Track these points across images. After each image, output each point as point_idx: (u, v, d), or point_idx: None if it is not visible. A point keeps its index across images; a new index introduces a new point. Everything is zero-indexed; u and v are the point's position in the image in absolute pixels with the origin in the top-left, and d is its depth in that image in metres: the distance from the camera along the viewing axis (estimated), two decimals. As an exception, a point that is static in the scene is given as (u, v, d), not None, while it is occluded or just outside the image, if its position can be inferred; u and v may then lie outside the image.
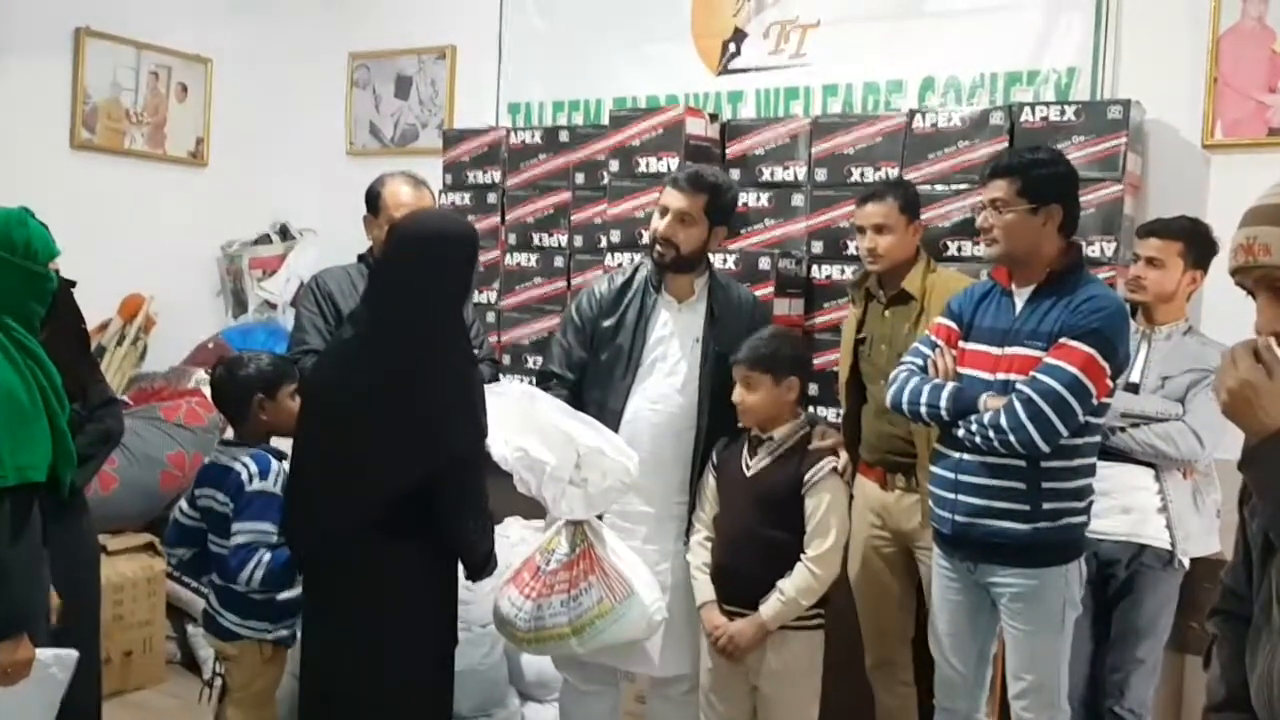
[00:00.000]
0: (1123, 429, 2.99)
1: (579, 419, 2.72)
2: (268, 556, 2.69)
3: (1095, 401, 2.48)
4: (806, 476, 2.68)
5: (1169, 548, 2.99)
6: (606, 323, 2.97)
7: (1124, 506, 3.01)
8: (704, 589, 2.78)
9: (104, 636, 3.81)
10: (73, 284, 2.95)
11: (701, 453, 2.89)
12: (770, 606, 2.67)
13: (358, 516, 2.46)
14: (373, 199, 3.13)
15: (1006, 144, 3.48)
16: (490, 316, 4.51)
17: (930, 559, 2.81)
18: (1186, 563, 3.01)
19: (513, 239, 4.47)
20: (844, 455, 2.75)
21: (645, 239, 3.12)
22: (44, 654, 2.25)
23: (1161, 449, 2.96)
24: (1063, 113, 3.49)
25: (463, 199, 4.59)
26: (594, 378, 2.97)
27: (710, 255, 3.04)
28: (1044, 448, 2.45)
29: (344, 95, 5.32)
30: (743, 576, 2.71)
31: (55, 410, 2.33)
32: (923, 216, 3.24)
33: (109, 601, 3.88)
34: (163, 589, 4.09)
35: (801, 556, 2.67)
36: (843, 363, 3.27)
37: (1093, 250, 3.39)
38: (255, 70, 5.22)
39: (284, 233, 5.15)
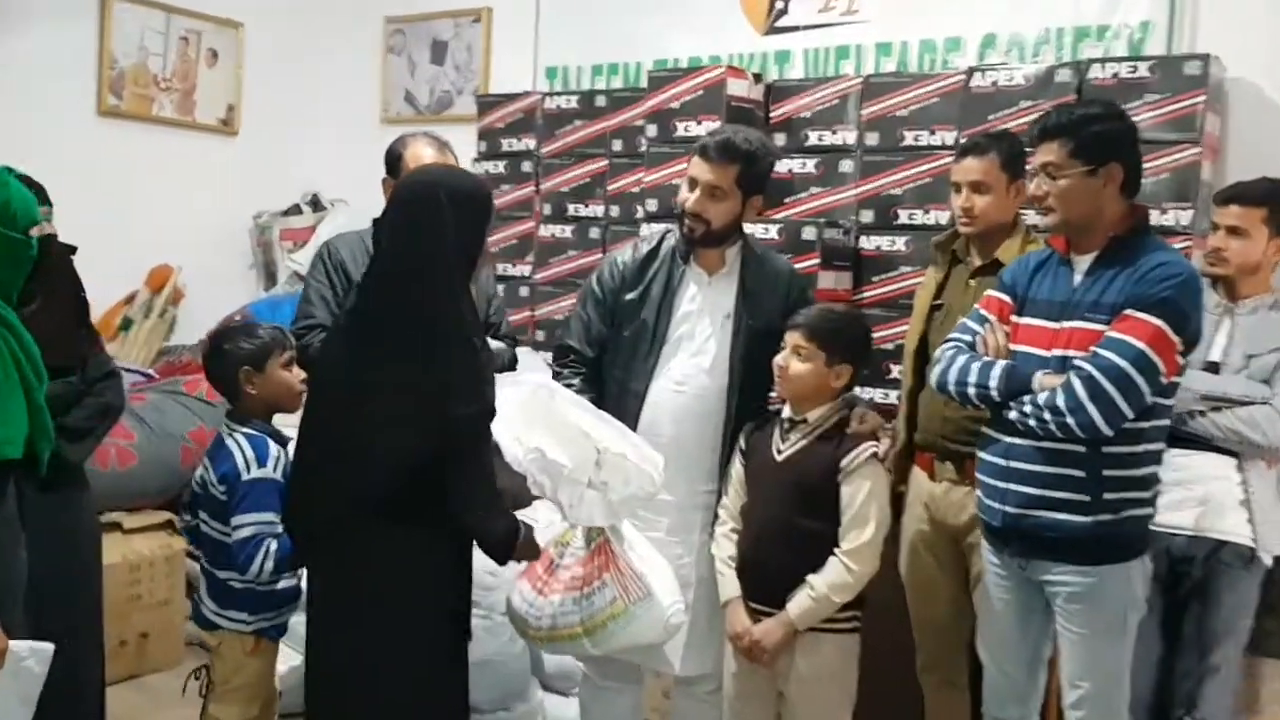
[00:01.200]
0: (1202, 413, 2.75)
1: (601, 418, 2.54)
2: (274, 545, 2.55)
3: (1164, 380, 2.25)
4: (844, 462, 2.48)
5: (1250, 544, 2.74)
6: (629, 296, 2.79)
7: (1200, 498, 2.78)
8: (729, 585, 2.60)
9: (118, 618, 3.77)
10: (72, 250, 2.83)
11: (730, 438, 2.71)
12: (799, 603, 2.48)
13: (356, 498, 2.29)
14: (393, 161, 2.97)
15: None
16: (524, 291, 4.37)
17: (980, 555, 2.60)
18: (1269, 560, 2.77)
19: (547, 209, 4.32)
20: (885, 440, 2.55)
21: (663, 230, 2.91)
22: (19, 646, 2.13)
23: (1246, 435, 2.71)
24: (1135, 69, 3.23)
25: (496, 167, 4.44)
26: (615, 355, 2.79)
27: (745, 225, 2.84)
28: (1106, 430, 2.23)
29: (378, 61, 5.19)
30: (771, 571, 2.52)
31: (32, 383, 2.20)
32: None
33: (125, 581, 3.82)
34: (182, 568, 3.99)
35: (835, 550, 2.47)
36: (912, 331, 3.02)
37: (1167, 219, 3.15)
38: (288, 35, 5.12)
39: (315, 203, 5.04)
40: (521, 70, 4.74)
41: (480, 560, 3.48)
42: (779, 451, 2.56)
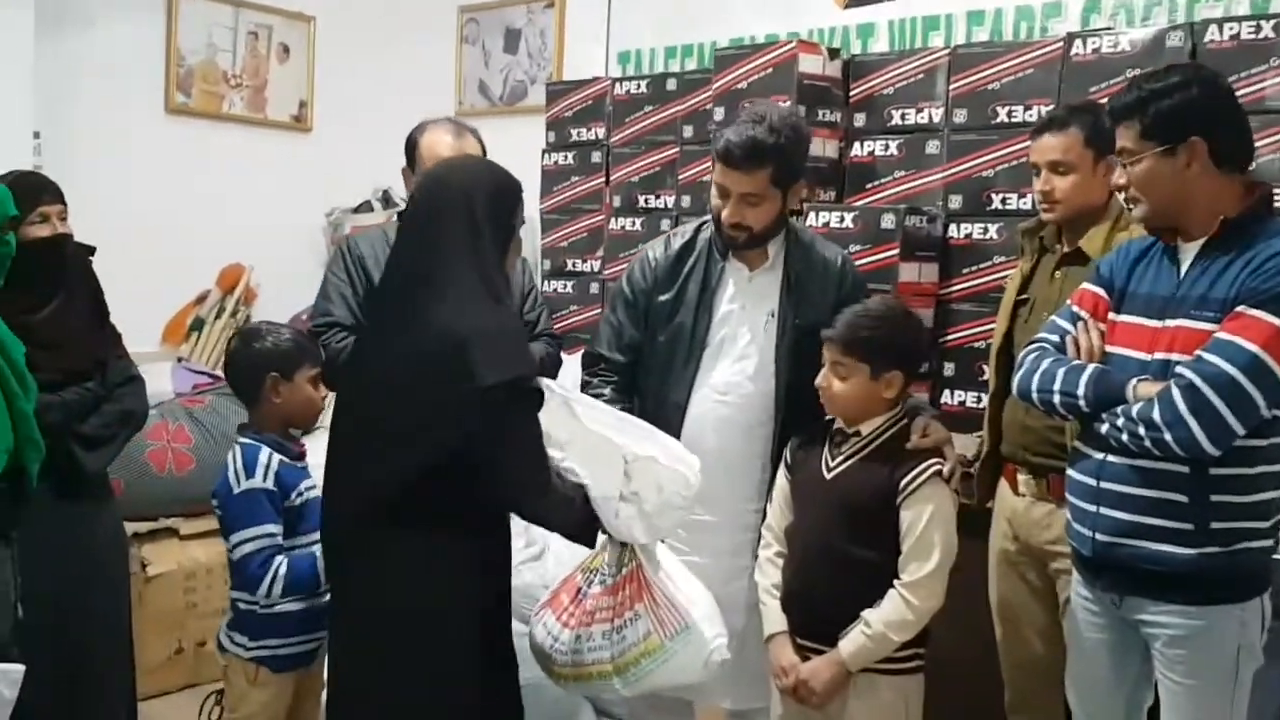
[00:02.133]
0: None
1: (625, 421, 2.27)
2: (284, 566, 2.37)
3: (1284, 390, 1.89)
4: (903, 483, 2.17)
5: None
6: (663, 297, 2.53)
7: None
8: (773, 617, 2.31)
9: (174, 626, 3.69)
10: (91, 250, 2.71)
11: (777, 452, 2.43)
12: (852, 642, 2.18)
13: (370, 505, 2.06)
14: (410, 149, 2.79)
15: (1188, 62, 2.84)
16: (594, 287, 4.13)
17: (1066, 580, 2.27)
18: None
19: (617, 201, 4.07)
20: (951, 456, 2.22)
21: (701, 219, 2.63)
22: None
23: None
24: (1258, 29, 2.81)
25: (566, 158, 4.22)
26: (650, 363, 2.54)
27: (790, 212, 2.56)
28: (1211, 450, 1.89)
29: (452, 52, 5.02)
30: (819, 603, 2.24)
31: (14, 392, 2.06)
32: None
33: (180, 589, 3.72)
34: (242, 576, 3.88)
35: (895, 582, 2.17)
36: (998, 328, 2.70)
37: (1297, 199, 2.74)
38: (360, 28, 4.98)
39: (386, 199, 4.90)
40: (594, 56, 4.52)
41: (534, 572, 3.29)
42: (828, 468, 2.27)
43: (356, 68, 4.97)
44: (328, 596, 2.34)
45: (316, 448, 2.57)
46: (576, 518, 2.13)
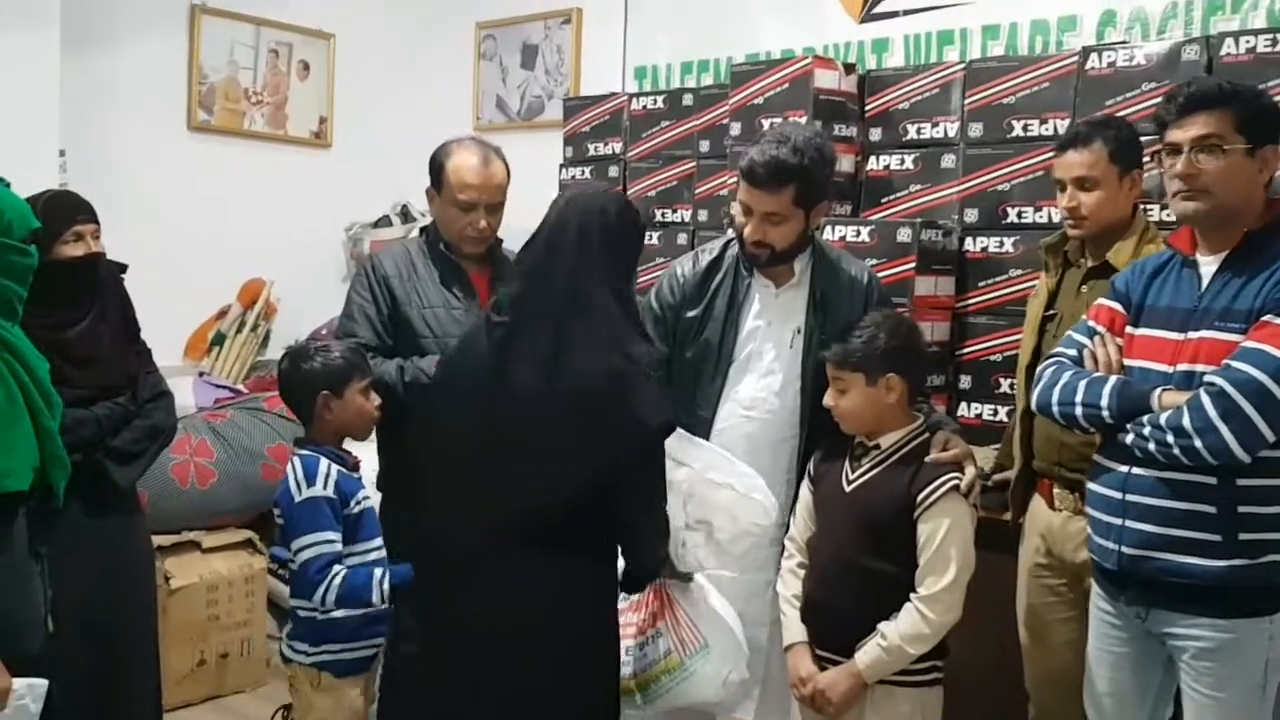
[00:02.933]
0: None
1: (691, 444, 2.29)
2: (340, 576, 2.34)
3: (1312, 398, 1.87)
4: (920, 496, 2.15)
5: None
6: (691, 313, 2.52)
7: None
8: (793, 627, 2.30)
9: (197, 638, 3.68)
10: (124, 268, 2.72)
11: (802, 466, 2.42)
12: (868, 654, 2.16)
13: (518, 524, 2.04)
14: (436, 172, 2.77)
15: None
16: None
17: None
18: None
19: (634, 215, 4.06)
20: (970, 470, 2.20)
21: (729, 228, 2.62)
22: (18, 684, 1.99)
23: None
24: (1275, 42, 2.79)
25: (583, 173, 4.22)
26: (679, 378, 2.52)
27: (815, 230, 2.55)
28: (1242, 456, 1.87)
29: (471, 68, 5.02)
30: (838, 615, 2.22)
31: (39, 409, 2.05)
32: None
33: (203, 601, 3.72)
34: (263, 588, 3.88)
35: (911, 595, 2.15)
36: (1025, 344, 2.67)
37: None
38: (379, 45, 5.00)
39: (405, 214, 4.90)
40: (611, 71, 4.52)
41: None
42: (848, 480, 2.26)
43: (375, 84, 4.98)
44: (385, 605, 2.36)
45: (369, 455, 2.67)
46: (657, 562, 2.16)
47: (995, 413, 3.21)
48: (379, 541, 2.48)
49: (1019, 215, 3.20)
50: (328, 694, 2.47)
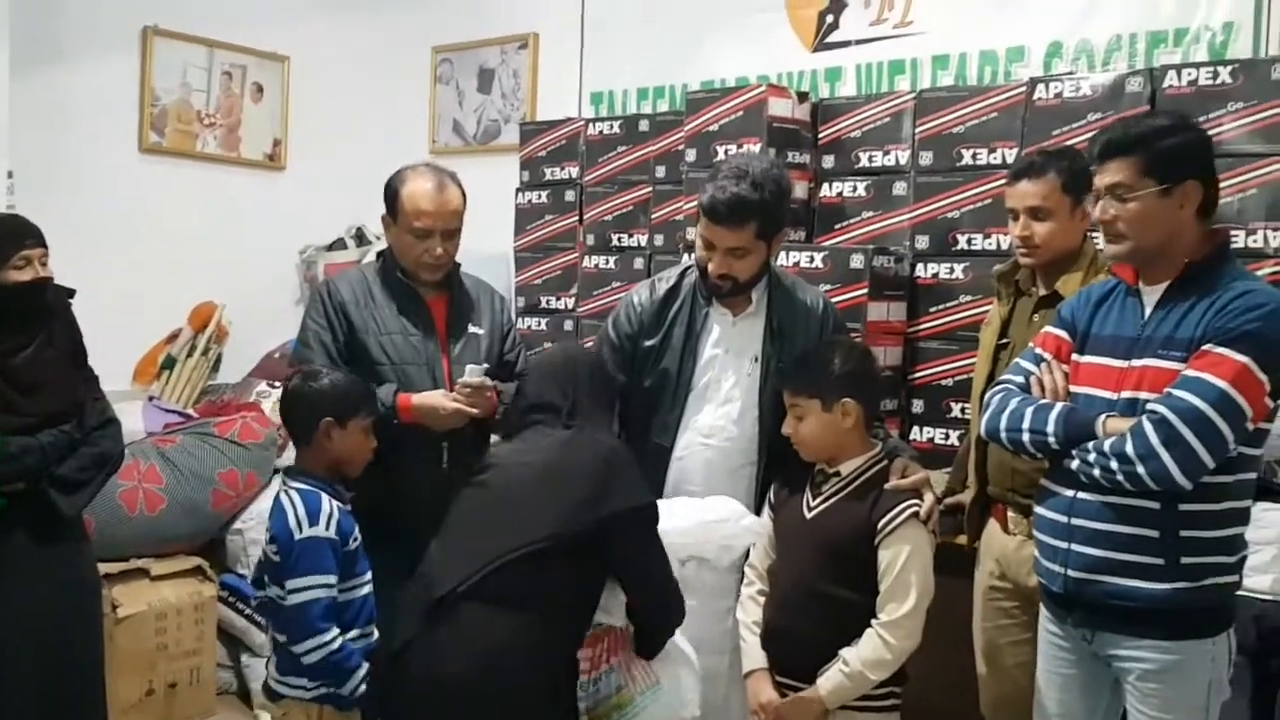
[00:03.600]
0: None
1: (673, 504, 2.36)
2: (338, 645, 2.29)
3: (1250, 426, 1.93)
4: (881, 523, 2.17)
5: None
6: (649, 342, 2.55)
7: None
8: (752, 654, 2.31)
9: (145, 667, 3.62)
10: (71, 294, 2.69)
11: (761, 494, 2.45)
12: (830, 679, 2.18)
13: (495, 569, 2.09)
14: (390, 199, 2.75)
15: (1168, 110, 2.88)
16: (568, 324, 4.13)
17: None
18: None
19: (590, 240, 4.09)
20: (929, 497, 2.23)
21: (689, 257, 2.66)
22: None
23: None
24: (1216, 75, 2.89)
25: (539, 197, 4.24)
26: (638, 408, 2.54)
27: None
28: (1183, 483, 1.91)
29: (427, 91, 5.03)
30: (798, 641, 2.24)
31: None
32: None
33: (152, 630, 3.66)
34: (213, 615, 3.82)
35: (873, 621, 2.17)
36: (979, 371, 2.70)
37: (1255, 240, 2.81)
38: (334, 68, 4.99)
39: (360, 237, 4.88)
40: (568, 96, 4.55)
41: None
42: (809, 508, 2.28)
43: (330, 107, 4.97)
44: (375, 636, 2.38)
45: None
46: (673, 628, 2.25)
47: (947, 437, 3.26)
48: (369, 575, 2.44)
49: (969, 242, 3.26)
50: None
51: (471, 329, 2.78)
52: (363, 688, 2.30)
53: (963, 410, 3.17)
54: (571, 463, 2.15)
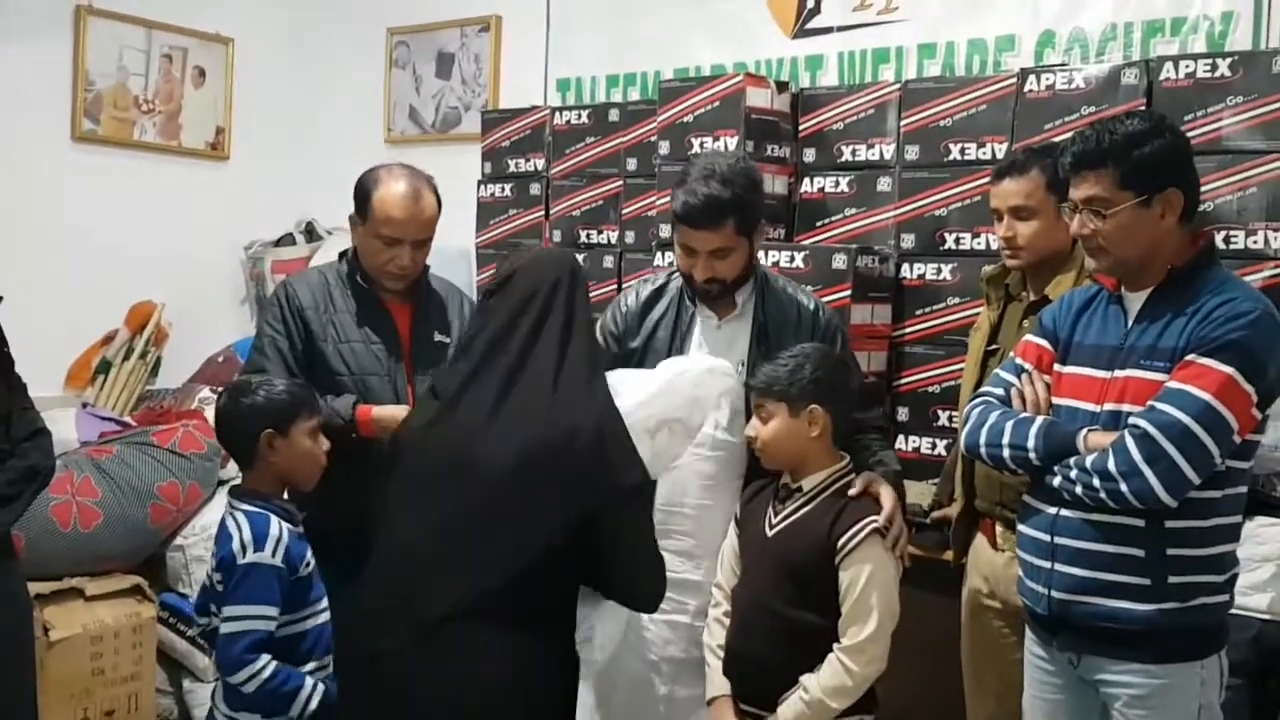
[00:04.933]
0: (1293, 476, 2.48)
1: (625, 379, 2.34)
2: (269, 670, 2.28)
3: (1237, 439, 2.00)
4: (840, 541, 2.23)
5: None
6: (633, 344, 2.63)
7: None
8: (715, 679, 2.37)
9: (79, 694, 3.65)
10: None
11: None
12: (790, 708, 2.23)
13: (472, 598, 2.11)
14: (361, 200, 2.76)
15: (1144, 109, 2.97)
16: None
17: None
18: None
19: (557, 236, 4.14)
20: (896, 519, 2.28)
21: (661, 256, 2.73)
22: None
23: None
24: (1214, 67, 2.95)
25: (502, 190, 4.29)
26: None
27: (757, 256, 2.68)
28: (1168, 500, 1.98)
29: (381, 76, 5.07)
30: (758, 667, 2.30)
31: None
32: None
33: (87, 654, 3.68)
34: (152, 638, 3.85)
35: (835, 646, 2.23)
36: (967, 379, 2.78)
37: (1255, 241, 2.87)
38: (282, 51, 5.04)
39: (310, 231, 4.91)
40: (533, 83, 4.60)
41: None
42: (770, 525, 2.34)
43: (277, 93, 5.01)
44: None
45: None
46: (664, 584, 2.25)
47: (934, 446, 3.32)
48: (325, 601, 2.44)
49: (956, 242, 3.33)
50: None
51: (438, 337, 2.81)
52: (314, 703, 2.31)
53: (950, 419, 3.24)
54: (559, 443, 2.10)
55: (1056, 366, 2.22)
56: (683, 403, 2.29)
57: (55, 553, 3.65)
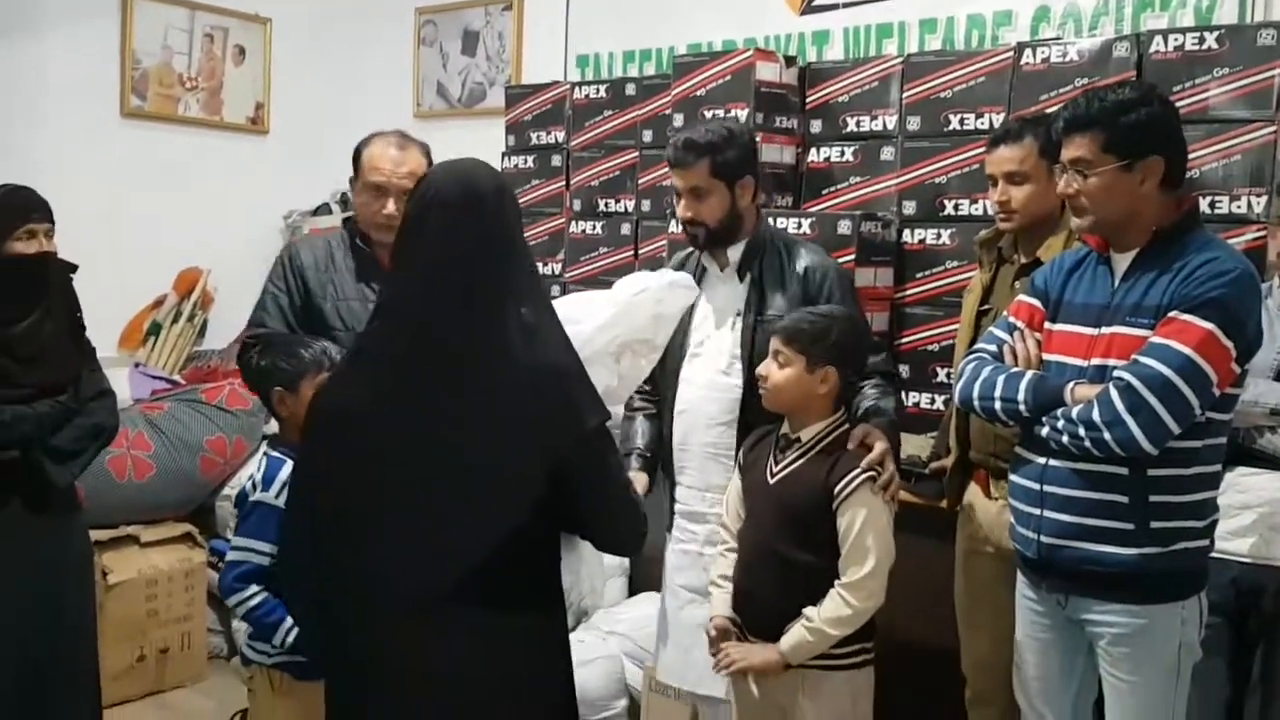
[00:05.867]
0: (1272, 429, 2.49)
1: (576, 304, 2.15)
2: (258, 600, 2.30)
3: (1216, 391, 2.00)
4: (836, 488, 2.25)
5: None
6: None
7: (1273, 523, 2.51)
8: (718, 601, 2.41)
9: (135, 634, 3.73)
10: (73, 269, 2.75)
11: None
12: (793, 636, 2.26)
13: (448, 584, 1.73)
14: (356, 159, 2.79)
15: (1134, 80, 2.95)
16: (555, 289, 4.20)
17: None
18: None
19: (577, 205, 4.15)
20: (889, 466, 2.28)
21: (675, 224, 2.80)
22: None
23: None
24: (1202, 40, 2.93)
25: (525, 162, 4.29)
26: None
27: (759, 212, 2.73)
28: (1149, 448, 1.99)
29: (410, 54, 5.06)
30: (762, 603, 2.33)
31: None
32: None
33: (142, 596, 3.76)
34: (203, 581, 3.93)
35: (835, 583, 2.25)
36: (961, 338, 2.79)
37: (1238, 206, 2.86)
38: (317, 29, 5.04)
39: (345, 201, 4.92)
40: (554, 59, 4.59)
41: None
42: (771, 473, 2.36)
43: (313, 69, 5.02)
44: None
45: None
46: (644, 521, 1.90)
47: (933, 401, 3.34)
48: None
49: (955, 208, 3.32)
50: (288, 698, 2.36)
51: None
52: (292, 637, 2.26)
53: (948, 375, 3.25)
54: (527, 399, 1.72)
55: (1047, 325, 2.22)
56: (646, 322, 2.14)
57: (112, 502, 3.73)
